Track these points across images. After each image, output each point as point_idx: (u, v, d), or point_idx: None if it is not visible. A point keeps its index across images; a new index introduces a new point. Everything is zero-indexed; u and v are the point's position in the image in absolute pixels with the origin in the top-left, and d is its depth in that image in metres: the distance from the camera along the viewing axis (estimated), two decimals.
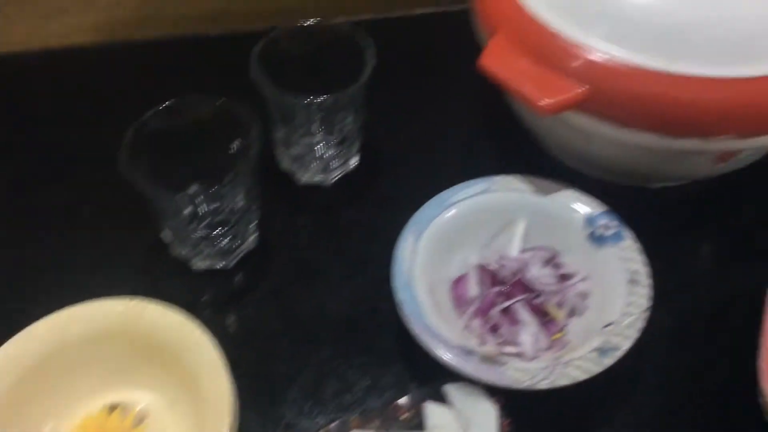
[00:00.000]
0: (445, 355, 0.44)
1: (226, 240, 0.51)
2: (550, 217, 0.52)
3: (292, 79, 0.53)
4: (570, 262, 0.51)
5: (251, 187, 0.50)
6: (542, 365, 0.44)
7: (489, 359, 0.44)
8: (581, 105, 0.47)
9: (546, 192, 0.52)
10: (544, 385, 0.43)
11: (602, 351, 0.44)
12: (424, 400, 0.44)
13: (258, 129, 0.48)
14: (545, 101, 0.47)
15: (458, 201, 0.51)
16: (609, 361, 0.43)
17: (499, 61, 0.49)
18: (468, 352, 0.44)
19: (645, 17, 0.45)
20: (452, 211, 0.51)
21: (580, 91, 0.46)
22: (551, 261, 0.51)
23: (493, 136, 0.63)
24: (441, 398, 0.44)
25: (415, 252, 0.49)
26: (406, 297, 0.46)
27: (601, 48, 0.46)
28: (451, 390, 0.44)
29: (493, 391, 0.44)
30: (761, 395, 0.41)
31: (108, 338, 0.43)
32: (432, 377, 0.45)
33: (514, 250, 0.52)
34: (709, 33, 0.44)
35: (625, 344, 0.44)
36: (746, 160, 0.52)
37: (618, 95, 0.46)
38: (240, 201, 0.49)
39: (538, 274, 0.50)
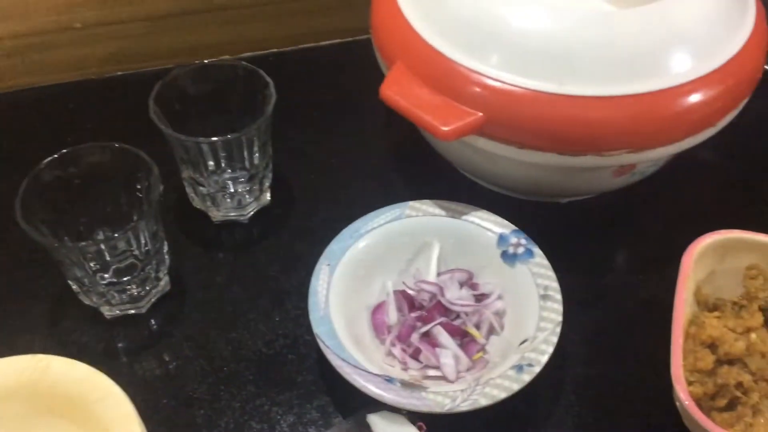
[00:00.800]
0: (366, 385, 0.44)
1: (135, 286, 0.50)
2: (464, 239, 0.53)
3: (194, 119, 0.53)
4: (485, 282, 0.52)
5: (157, 230, 0.49)
6: (462, 387, 0.44)
7: (410, 385, 0.45)
8: (480, 129, 0.49)
9: (459, 214, 0.53)
10: (465, 406, 0.43)
11: (520, 368, 0.45)
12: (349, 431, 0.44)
13: (156, 172, 0.48)
14: (445, 128, 0.48)
15: (372, 229, 0.52)
16: (527, 377, 0.44)
17: (399, 89, 0.50)
18: (389, 380, 0.44)
19: (533, 44, 0.47)
20: (366, 240, 0.52)
21: (477, 116, 0.48)
22: (467, 282, 0.53)
23: (405, 163, 0.64)
24: (366, 428, 0.44)
25: (331, 283, 0.49)
26: (323, 330, 0.46)
27: (494, 75, 0.48)
28: (374, 419, 0.44)
29: (416, 417, 0.44)
30: (677, 400, 0.43)
31: (8, 398, 0.42)
32: (356, 408, 0.45)
33: (431, 273, 0.53)
34: (594, 55, 0.46)
35: (542, 359, 0.45)
36: (646, 172, 0.55)
37: (513, 119, 0.48)
38: (146, 245, 0.48)
39: (456, 296, 0.51)
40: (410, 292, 0.52)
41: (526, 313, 0.48)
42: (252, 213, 0.58)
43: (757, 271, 0.48)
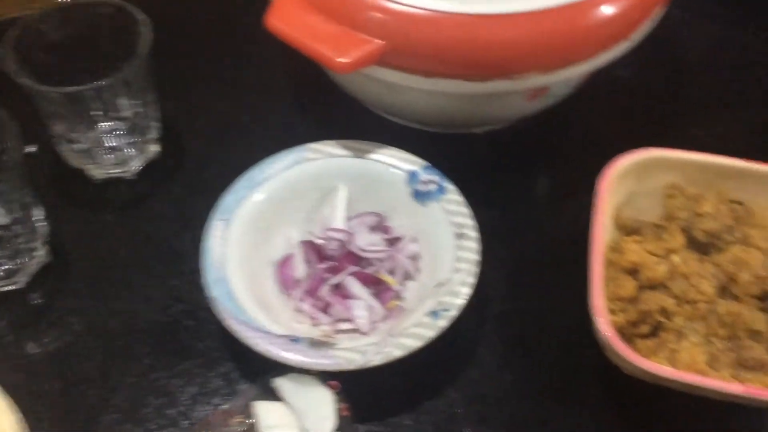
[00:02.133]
0: (268, 348, 0.41)
1: (6, 260, 0.45)
2: (372, 180, 0.50)
3: (59, 68, 0.48)
4: (398, 225, 0.49)
5: (23, 197, 0.44)
6: (374, 339, 0.42)
7: (319, 343, 0.42)
8: (381, 59, 0.45)
9: (364, 153, 0.50)
10: (378, 360, 0.41)
11: (435, 314, 0.42)
12: (254, 399, 0.41)
13: (15, 131, 0.43)
14: (342, 59, 0.44)
15: (270, 177, 0.48)
16: (443, 323, 0.42)
17: (287, 19, 0.46)
18: (294, 340, 0.41)
19: None
20: (264, 189, 0.48)
21: (377, 44, 0.44)
22: (379, 226, 0.50)
23: (307, 101, 0.60)
24: (273, 393, 0.41)
25: (227, 240, 0.45)
26: (220, 292, 0.43)
27: None
28: (281, 383, 0.41)
29: (328, 376, 0.42)
30: (597, 332, 0.42)
31: None
32: (263, 372, 0.42)
33: (338, 220, 0.49)
34: None
35: (458, 302, 0.43)
36: (560, 95, 0.52)
37: (416, 44, 0.44)
38: (14, 214, 0.43)
39: (366, 242, 0.48)
40: (318, 241, 0.49)
41: (442, 255, 0.46)
42: (138, 168, 0.53)
43: (676, 190, 0.46)
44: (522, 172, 0.56)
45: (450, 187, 0.48)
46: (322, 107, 0.59)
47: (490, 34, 0.44)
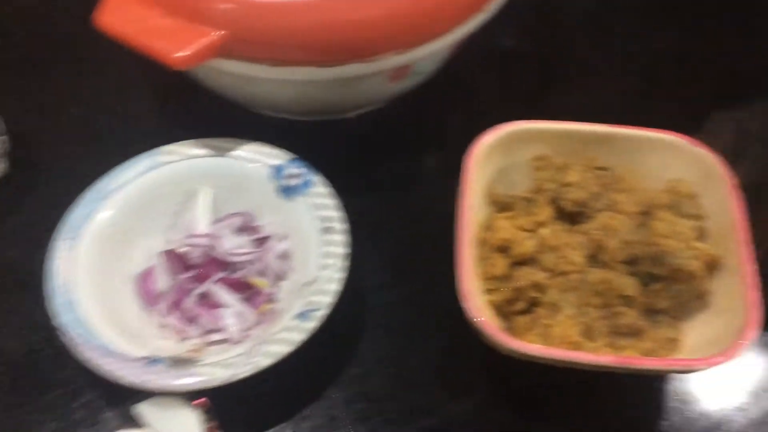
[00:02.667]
0: (123, 375, 0.38)
1: None
2: (235, 178, 0.47)
3: None
4: (266, 223, 0.47)
5: None
6: (240, 350, 0.40)
7: (181, 362, 0.39)
8: (225, 50, 0.43)
9: (224, 151, 0.47)
10: (246, 372, 0.39)
11: (303, 315, 0.41)
12: (116, 429, 0.39)
13: None
14: (178, 54, 0.41)
15: (121, 186, 0.45)
16: (312, 324, 0.40)
17: (118, 15, 0.43)
18: (153, 362, 0.39)
19: None
20: (116, 200, 0.45)
21: (216, 36, 0.42)
22: (246, 227, 0.47)
23: (166, 100, 0.57)
24: (135, 421, 0.39)
25: (75, 260, 0.42)
26: (68, 317, 0.40)
27: None
28: (144, 408, 0.39)
29: (195, 395, 0.39)
30: (468, 316, 0.41)
31: None
32: (128, 397, 0.40)
33: (201, 224, 0.47)
34: None
35: (327, 300, 0.41)
36: (427, 72, 0.51)
37: (257, 32, 0.42)
38: None
39: (233, 245, 0.46)
40: (181, 249, 0.46)
41: (310, 252, 0.44)
42: None
43: (544, 162, 0.46)
44: (398, 155, 0.55)
45: (316, 179, 0.46)
46: (185, 106, 0.56)
47: (336, 17, 0.42)
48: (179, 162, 0.47)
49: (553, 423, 0.43)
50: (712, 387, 0.44)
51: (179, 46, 0.41)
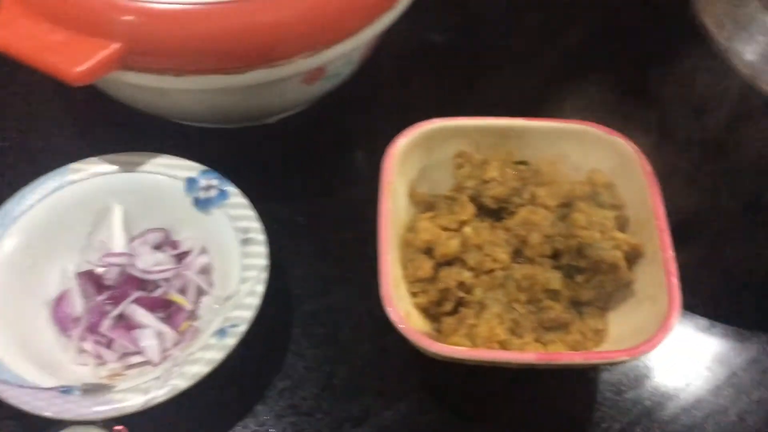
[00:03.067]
0: (32, 406, 0.36)
1: None
2: (149, 193, 0.46)
3: None
4: (184, 238, 0.46)
5: None
6: (157, 374, 0.39)
7: (95, 389, 0.38)
8: (125, 63, 0.41)
9: (135, 166, 0.46)
10: (163, 396, 0.37)
11: (222, 332, 0.39)
12: None
13: None
14: (76, 69, 0.40)
15: (27, 209, 0.43)
16: (231, 341, 0.39)
17: (10, 31, 0.41)
18: (65, 391, 0.37)
19: None
20: (22, 224, 0.43)
21: (113, 48, 0.40)
22: (165, 242, 0.46)
23: (74, 115, 0.55)
24: None
25: None
26: None
27: None
28: None
29: (113, 422, 0.38)
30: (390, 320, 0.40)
31: None
32: (43, 428, 0.38)
33: (116, 243, 0.45)
34: None
35: (248, 315, 0.40)
36: (345, 72, 0.50)
37: (155, 42, 0.41)
38: None
39: (151, 263, 0.44)
40: (97, 270, 0.45)
41: (230, 265, 0.43)
42: None
43: (463, 159, 0.45)
44: (322, 158, 0.54)
45: (232, 190, 0.45)
46: (94, 118, 0.54)
47: (239, 21, 0.40)
48: (88, 180, 0.45)
49: (488, 421, 0.43)
50: (643, 374, 0.44)
51: (76, 61, 0.40)
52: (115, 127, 0.52)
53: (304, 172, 0.52)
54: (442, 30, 0.60)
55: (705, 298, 0.46)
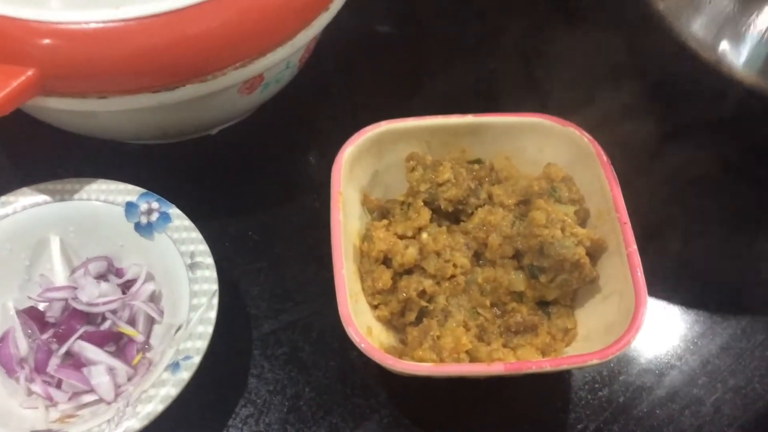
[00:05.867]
0: None
1: None
2: (87, 221, 0.44)
3: None
4: (129, 266, 0.45)
5: None
6: (109, 415, 0.38)
7: None
8: (44, 88, 0.40)
9: (69, 194, 0.44)
10: None
11: (176, 366, 0.38)
12: None
13: None
14: None
15: None
16: (186, 374, 0.38)
17: None
18: None
19: None
20: None
21: (29, 74, 0.38)
22: (107, 272, 0.45)
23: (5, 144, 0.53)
24: None
25: None
26: None
27: (31, 15, 0.38)
28: None
29: None
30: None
31: None
32: None
33: (57, 276, 0.44)
34: None
35: (201, 345, 0.39)
36: (281, 80, 0.49)
37: (71, 66, 0.39)
38: None
39: (95, 294, 0.43)
40: (40, 307, 0.43)
41: (179, 291, 0.42)
42: None
43: (415, 161, 0.44)
44: (270, 168, 0.53)
45: (175, 212, 0.43)
46: (22, 144, 0.52)
47: (160, 37, 0.39)
48: (20, 213, 0.43)
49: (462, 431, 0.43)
50: (616, 371, 0.44)
51: None
52: (45, 151, 0.51)
53: (252, 183, 0.51)
54: (387, 21, 0.59)
55: (672, 287, 0.46)
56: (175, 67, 0.40)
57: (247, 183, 0.52)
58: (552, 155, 0.44)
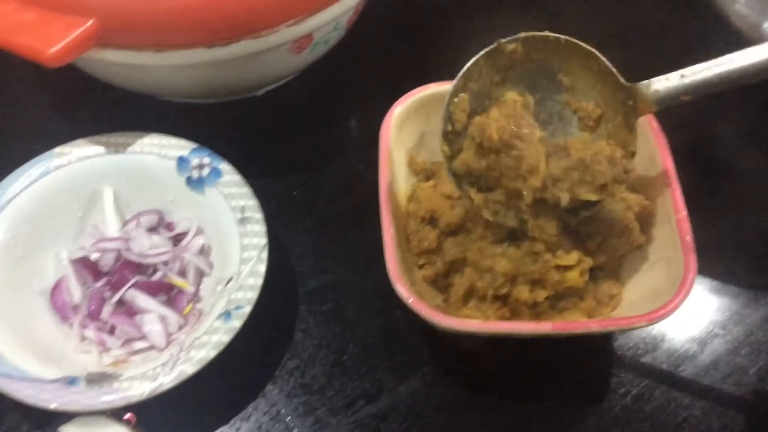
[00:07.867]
0: (37, 400, 0.37)
1: None
2: (140, 175, 0.46)
3: None
4: (179, 219, 0.47)
5: None
6: (164, 359, 0.39)
7: (100, 379, 0.39)
8: (102, 40, 0.41)
9: (123, 147, 0.46)
10: (170, 382, 0.38)
11: (228, 315, 0.40)
12: None
13: None
14: (52, 50, 0.39)
15: (13, 196, 0.44)
16: (237, 323, 0.40)
17: None
18: (70, 382, 0.38)
19: None
20: (9, 213, 0.43)
21: (88, 25, 0.40)
22: (160, 225, 0.46)
23: (57, 97, 0.55)
24: None
25: None
26: None
27: None
28: (68, 431, 0.39)
29: (122, 410, 0.39)
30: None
31: None
32: (49, 421, 0.39)
33: (109, 227, 0.46)
34: None
35: (251, 296, 0.41)
36: (329, 41, 0.50)
37: (130, 17, 0.40)
38: None
39: (147, 246, 0.45)
40: (92, 256, 0.45)
41: (229, 245, 0.44)
42: None
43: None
44: (315, 129, 0.54)
45: (226, 167, 0.45)
46: (77, 98, 0.54)
47: None
48: (76, 164, 0.45)
49: (503, 391, 0.44)
50: (659, 337, 0.45)
51: (50, 41, 0.39)
52: (98, 106, 0.53)
53: (296, 144, 0.53)
54: None
55: (717, 257, 0.47)
56: (230, 22, 0.41)
57: (291, 144, 0.53)
58: None
